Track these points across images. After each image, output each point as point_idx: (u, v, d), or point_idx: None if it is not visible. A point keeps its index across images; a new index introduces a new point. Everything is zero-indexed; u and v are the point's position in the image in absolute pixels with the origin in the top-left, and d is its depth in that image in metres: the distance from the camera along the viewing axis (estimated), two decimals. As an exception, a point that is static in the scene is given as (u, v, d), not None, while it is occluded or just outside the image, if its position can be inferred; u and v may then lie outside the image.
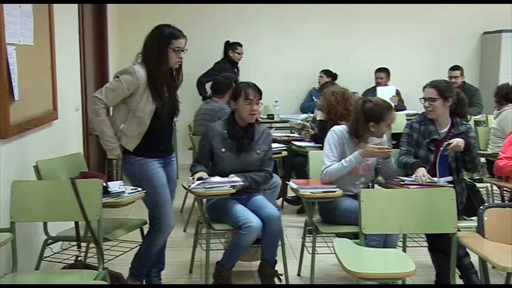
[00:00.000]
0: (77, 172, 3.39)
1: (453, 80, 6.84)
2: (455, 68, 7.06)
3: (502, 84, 5.23)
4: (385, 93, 6.46)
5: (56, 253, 3.45)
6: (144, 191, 3.24)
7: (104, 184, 3.09)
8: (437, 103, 3.62)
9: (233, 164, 3.60)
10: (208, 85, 6.46)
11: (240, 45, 7.22)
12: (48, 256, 3.34)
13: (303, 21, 7.87)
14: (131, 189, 3.22)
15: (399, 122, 5.79)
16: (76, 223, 3.15)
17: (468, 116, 3.97)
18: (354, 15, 7.91)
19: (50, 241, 3.30)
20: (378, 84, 7.46)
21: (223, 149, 3.63)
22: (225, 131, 3.65)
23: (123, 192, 3.16)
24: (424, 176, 3.48)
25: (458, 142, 3.51)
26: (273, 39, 7.85)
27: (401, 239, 3.46)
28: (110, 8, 6.70)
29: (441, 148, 3.53)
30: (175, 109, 3.42)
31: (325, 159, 3.66)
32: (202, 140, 3.73)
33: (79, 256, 3.14)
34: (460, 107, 3.75)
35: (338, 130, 3.73)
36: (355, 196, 3.57)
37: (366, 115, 3.63)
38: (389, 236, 3.27)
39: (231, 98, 3.68)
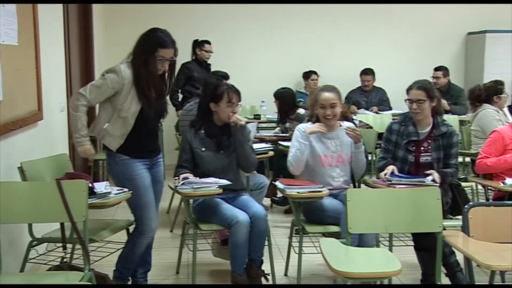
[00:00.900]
0: (63, 173, 3.37)
1: (435, 80, 6.98)
2: (437, 68, 7.18)
3: (474, 86, 5.24)
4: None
5: (41, 254, 3.43)
6: (130, 192, 3.22)
7: (90, 185, 3.07)
8: (425, 104, 3.63)
9: (215, 162, 3.62)
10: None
11: (208, 43, 6.81)
12: (33, 258, 3.31)
13: (290, 21, 7.91)
14: (117, 190, 3.21)
15: (385, 122, 5.83)
16: (62, 224, 3.12)
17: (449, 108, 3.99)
18: (340, 15, 7.95)
19: (35, 242, 3.28)
20: (365, 86, 7.51)
21: (203, 149, 3.64)
22: (203, 131, 3.67)
23: (109, 192, 3.14)
24: (386, 172, 3.55)
25: (436, 179, 3.49)
26: (259, 39, 7.87)
27: (388, 239, 3.48)
28: (96, 8, 6.66)
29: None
30: (162, 111, 3.41)
31: (288, 154, 3.78)
32: (182, 143, 3.75)
33: (65, 257, 3.11)
34: (439, 104, 3.79)
35: (301, 126, 3.80)
36: (337, 196, 3.62)
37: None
38: (365, 235, 3.28)
39: (211, 100, 3.66)
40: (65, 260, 3.09)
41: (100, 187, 3.16)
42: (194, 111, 4.92)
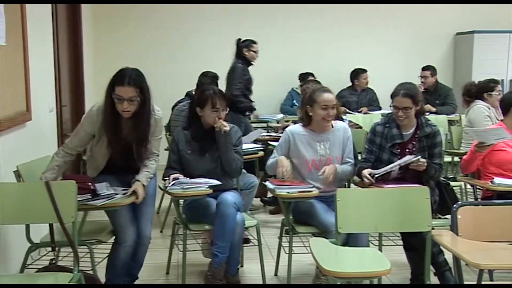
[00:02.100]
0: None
1: (423, 80, 7.06)
2: (425, 68, 7.23)
3: (467, 82, 5.43)
4: None
5: (36, 260, 3.34)
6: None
7: (92, 187, 3.06)
8: (411, 111, 3.59)
9: (200, 165, 3.62)
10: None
11: (255, 42, 6.43)
12: (30, 264, 3.25)
13: (281, 22, 7.91)
14: (122, 190, 3.20)
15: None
16: (51, 226, 3.10)
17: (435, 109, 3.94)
18: (331, 16, 7.97)
19: (33, 248, 3.22)
20: (367, 84, 7.51)
21: (189, 151, 3.64)
22: (189, 133, 3.67)
23: (115, 193, 3.12)
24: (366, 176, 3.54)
25: (423, 163, 3.50)
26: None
27: (377, 238, 3.49)
28: (85, 8, 6.64)
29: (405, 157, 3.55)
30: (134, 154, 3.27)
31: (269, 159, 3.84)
32: (171, 144, 3.76)
33: (54, 259, 3.09)
34: (422, 104, 3.74)
35: (289, 130, 3.79)
36: (327, 199, 3.59)
37: (305, 101, 3.75)
38: (358, 236, 3.29)
39: (197, 104, 3.65)
40: (53, 261, 3.07)
41: (102, 188, 3.14)
42: (185, 112, 4.92)
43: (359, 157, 4.01)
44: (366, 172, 3.56)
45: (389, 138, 3.66)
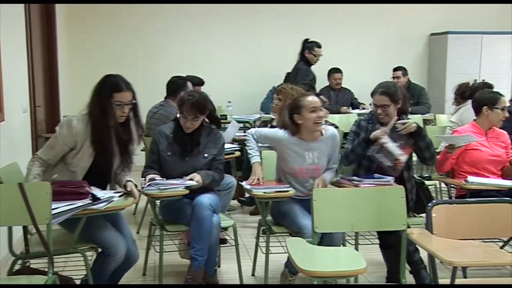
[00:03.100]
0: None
1: (395, 80, 7.11)
2: (396, 69, 7.31)
3: (462, 83, 5.46)
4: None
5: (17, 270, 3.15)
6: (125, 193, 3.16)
7: (91, 191, 3.01)
8: (390, 108, 3.63)
9: (179, 168, 3.59)
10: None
11: (319, 46, 6.49)
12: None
13: (257, 22, 7.93)
14: (115, 192, 3.15)
15: (351, 122, 5.88)
16: (25, 228, 3.06)
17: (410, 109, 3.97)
18: (306, 15, 8.00)
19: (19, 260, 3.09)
20: (337, 85, 7.56)
21: (169, 153, 3.63)
22: (171, 135, 3.65)
23: (112, 196, 3.06)
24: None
25: (412, 123, 3.55)
26: (224, 40, 7.86)
27: (354, 237, 3.52)
28: (59, 8, 6.56)
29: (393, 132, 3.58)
30: (127, 160, 3.29)
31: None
32: (151, 144, 3.73)
33: (27, 261, 3.05)
34: (405, 103, 3.79)
35: (280, 132, 3.76)
36: (303, 201, 3.61)
37: (289, 111, 3.69)
38: (332, 235, 3.31)
39: (179, 109, 3.65)
40: (27, 264, 3.02)
41: (96, 191, 3.06)
42: (158, 114, 4.87)
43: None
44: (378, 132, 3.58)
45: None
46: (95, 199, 2.96)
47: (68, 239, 3.10)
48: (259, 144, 3.88)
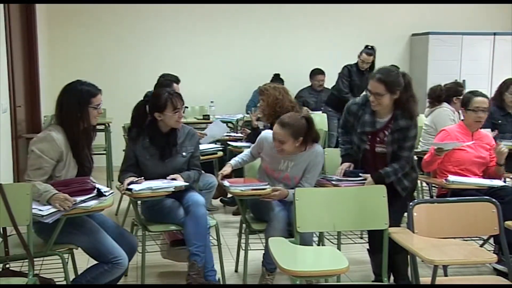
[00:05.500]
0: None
1: None
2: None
3: (435, 85, 5.31)
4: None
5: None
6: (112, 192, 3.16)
7: (97, 186, 3.04)
8: (384, 98, 3.35)
9: (159, 170, 3.58)
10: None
11: (367, 53, 6.67)
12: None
13: (238, 23, 7.92)
14: (103, 187, 3.15)
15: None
16: (4, 229, 3.02)
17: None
18: (289, 16, 8.03)
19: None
20: (319, 86, 7.58)
21: (147, 157, 3.60)
22: (147, 140, 3.62)
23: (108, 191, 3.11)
24: (339, 171, 3.56)
25: (369, 183, 3.42)
26: (207, 40, 7.84)
27: (336, 237, 3.53)
28: (40, 7, 6.50)
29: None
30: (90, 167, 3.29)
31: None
32: (125, 149, 3.70)
33: (7, 263, 3.01)
34: (412, 104, 3.43)
35: (264, 135, 3.77)
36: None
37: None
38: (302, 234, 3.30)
39: (156, 110, 3.58)
40: (7, 266, 2.99)
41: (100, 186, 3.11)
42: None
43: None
44: (342, 169, 3.57)
45: (361, 124, 3.50)
46: (100, 194, 2.99)
47: (44, 242, 3.07)
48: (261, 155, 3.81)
